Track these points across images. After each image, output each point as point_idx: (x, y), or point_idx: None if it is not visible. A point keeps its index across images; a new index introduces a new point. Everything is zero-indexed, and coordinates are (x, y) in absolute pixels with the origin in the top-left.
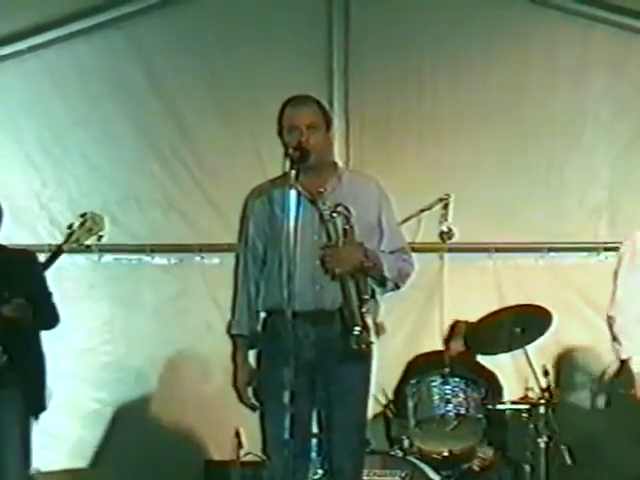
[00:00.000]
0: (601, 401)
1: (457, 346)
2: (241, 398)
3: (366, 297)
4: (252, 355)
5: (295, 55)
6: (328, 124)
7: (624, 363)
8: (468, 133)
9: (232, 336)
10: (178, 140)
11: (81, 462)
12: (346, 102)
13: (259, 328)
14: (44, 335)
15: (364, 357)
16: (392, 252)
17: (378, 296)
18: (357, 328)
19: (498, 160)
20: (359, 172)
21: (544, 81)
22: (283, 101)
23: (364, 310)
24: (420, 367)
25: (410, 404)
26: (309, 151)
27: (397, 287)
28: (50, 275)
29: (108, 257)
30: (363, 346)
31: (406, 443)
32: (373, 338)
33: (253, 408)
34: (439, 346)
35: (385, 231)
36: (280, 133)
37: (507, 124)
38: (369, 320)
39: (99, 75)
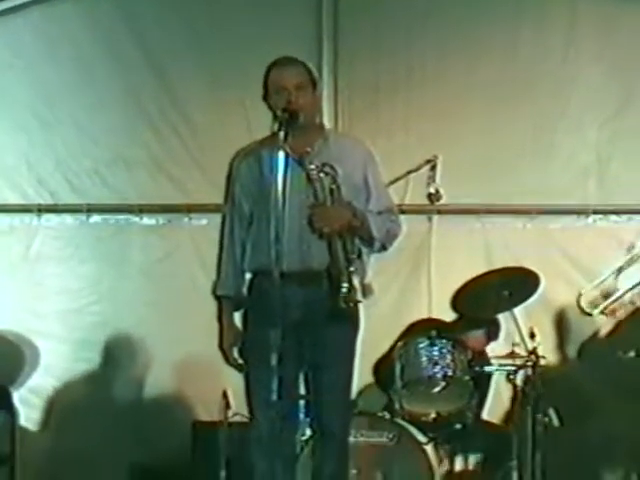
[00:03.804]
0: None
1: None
2: (227, 359)
3: (353, 257)
4: (237, 316)
5: (284, 20)
6: (314, 84)
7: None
8: (456, 96)
9: (217, 297)
10: (166, 103)
11: (68, 421)
12: (335, 66)
13: (245, 289)
14: (29, 296)
15: (351, 318)
16: (380, 212)
17: (365, 257)
18: (345, 286)
19: (486, 123)
20: (346, 134)
21: (533, 44)
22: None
23: (352, 269)
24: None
25: (397, 366)
26: (298, 111)
27: (384, 248)
28: (38, 235)
29: (96, 217)
30: (351, 304)
31: (394, 405)
32: (360, 298)
33: (240, 369)
34: (426, 309)
35: (372, 191)
36: (266, 96)
37: (495, 87)
38: (356, 280)
39: (87, 37)
